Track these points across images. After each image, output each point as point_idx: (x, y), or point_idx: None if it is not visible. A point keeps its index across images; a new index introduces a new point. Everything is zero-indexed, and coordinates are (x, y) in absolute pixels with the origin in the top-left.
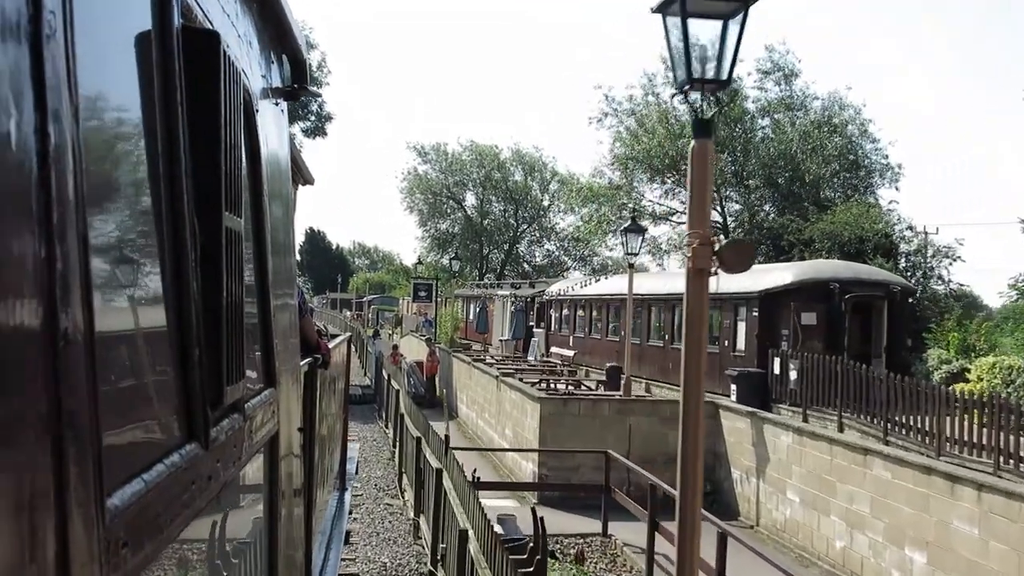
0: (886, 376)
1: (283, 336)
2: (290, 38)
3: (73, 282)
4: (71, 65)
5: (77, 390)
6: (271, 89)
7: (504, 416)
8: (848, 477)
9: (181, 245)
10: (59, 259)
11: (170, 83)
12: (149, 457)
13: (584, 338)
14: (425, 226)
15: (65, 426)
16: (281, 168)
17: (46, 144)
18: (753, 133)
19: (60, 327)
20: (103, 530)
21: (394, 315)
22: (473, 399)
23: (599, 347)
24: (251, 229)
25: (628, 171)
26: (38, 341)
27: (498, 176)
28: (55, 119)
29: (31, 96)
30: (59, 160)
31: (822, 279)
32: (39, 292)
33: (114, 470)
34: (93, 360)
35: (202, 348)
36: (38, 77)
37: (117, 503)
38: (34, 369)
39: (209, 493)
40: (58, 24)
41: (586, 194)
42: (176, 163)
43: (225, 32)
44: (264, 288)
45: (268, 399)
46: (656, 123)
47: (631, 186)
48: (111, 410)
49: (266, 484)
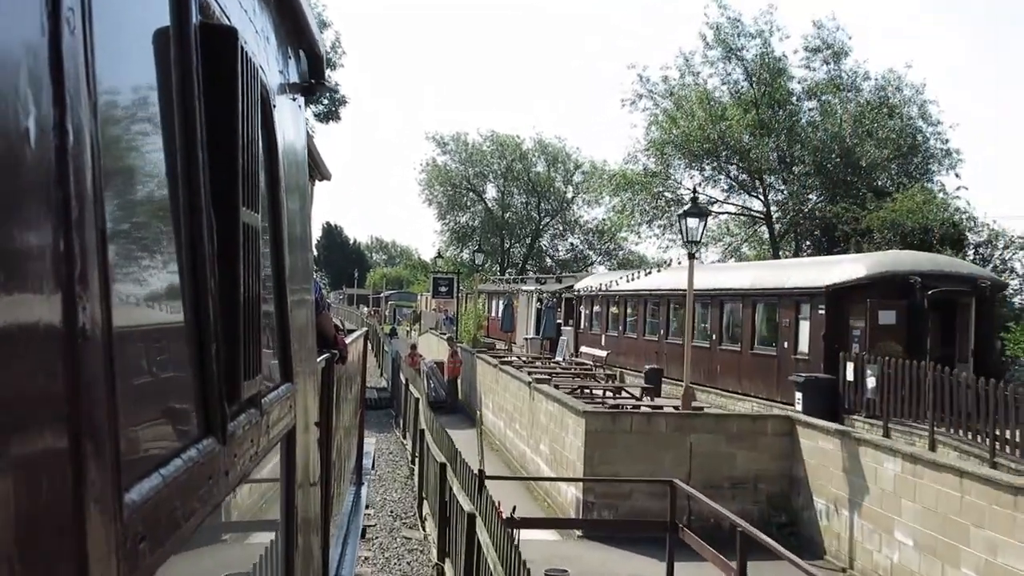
0: (994, 385)
1: (300, 331)
2: (307, 34)
3: (91, 277)
4: (89, 62)
5: (95, 385)
6: (288, 84)
7: (538, 429)
8: (990, 521)
9: (198, 240)
10: (77, 254)
11: (188, 79)
12: (166, 451)
13: (618, 337)
14: (444, 219)
15: (83, 421)
16: (298, 163)
17: (64, 140)
18: (799, 116)
19: (78, 322)
20: (121, 525)
21: (412, 311)
22: (500, 406)
23: (635, 347)
24: (268, 224)
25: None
26: (56, 336)
27: (520, 167)
28: (73, 115)
29: (50, 92)
30: (77, 156)
31: (901, 272)
32: (57, 287)
33: (132, 464)
34: (111, 355)
35: (219, 343)
36: (57, 73)
37: (135, 498)
38: (52, 364)
39: (226, 487)
40: (77, 21)
41: (619, 182)
42: (194, 159)
43: (243, 28)
44: (281, 283)
45: (285, 394)
46: (695, 105)
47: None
48: (129, 405)
49: (283, 478)
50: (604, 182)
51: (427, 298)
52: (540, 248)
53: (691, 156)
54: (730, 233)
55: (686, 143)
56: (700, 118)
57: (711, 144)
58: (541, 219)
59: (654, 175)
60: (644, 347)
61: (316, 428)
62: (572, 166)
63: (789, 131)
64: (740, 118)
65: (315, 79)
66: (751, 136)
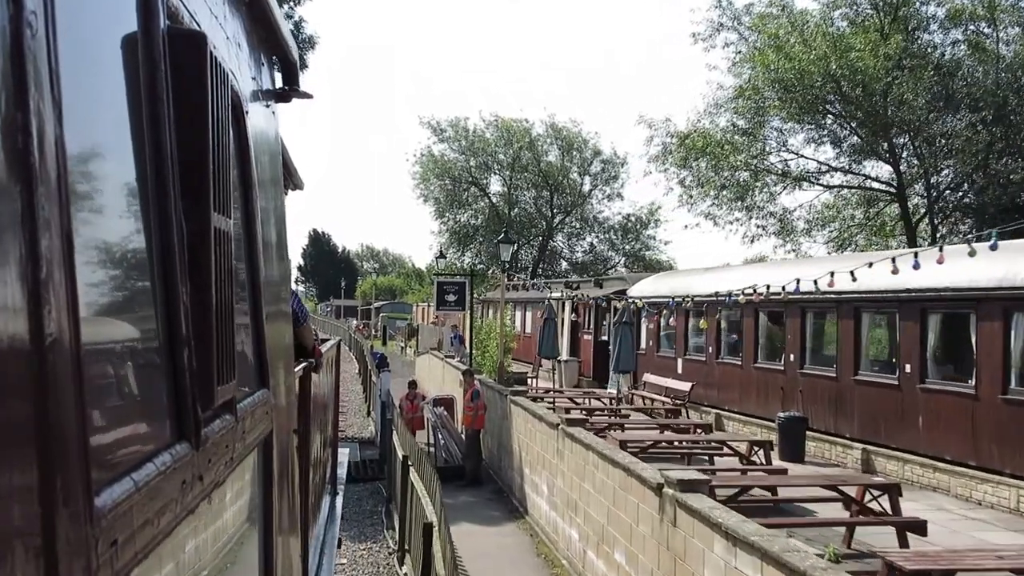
0: None
1: (276, 336)
2: (280, 40)
3: (59, 282)
4: (54, 66)
5: (63, 390)
6: (261, 91)
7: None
8: None
9: (169, 245)
10: (44, 260)
11: (156, 85)
12: (138, 457)
13: (706, 363)
14: (443, 218)
15: (52, 426)
16: (272, 169)
17: (29, 145)
18: (939, 49)
19: (46, 327)
20: (91, 529)
21: (407, 324)
22: (563, 491)
23: (739, 378)
24: (242, 230)
25: (759, 110)
26: (24, 341)
27: (529, 156)
28: (38, 121)
29: (13, 98)
30: (43, 163)
31: None
32: (24, 292)
33: (102, 469)
34: (80, 360)
35: (191, 348)
36: (20, 78)
37: (105, 502)
38: (20, 369)
39: (200, 493)
40: (40, 25)
41: (700, 144)
42: (163, 165)
43: (213, 34)
44: (256, 289)
45: (261, 400)
46: (798, 42)
47: (757, 131)
48: (99, 410)
49: (260, 485)
50: (675, 149)
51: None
52: (552, 249)
53: (797, 106)
54: (848, 207)
55: (798, 83)
56: (818, 49)
57: (816, 93)
58: (554, 216)
59: (745, 133)
60: (758, 379)
61: (295, 435)
62: (590, 154)
63: (936, 69)
64: (874, 47)
65: (289, 85)
66: (886, 74)
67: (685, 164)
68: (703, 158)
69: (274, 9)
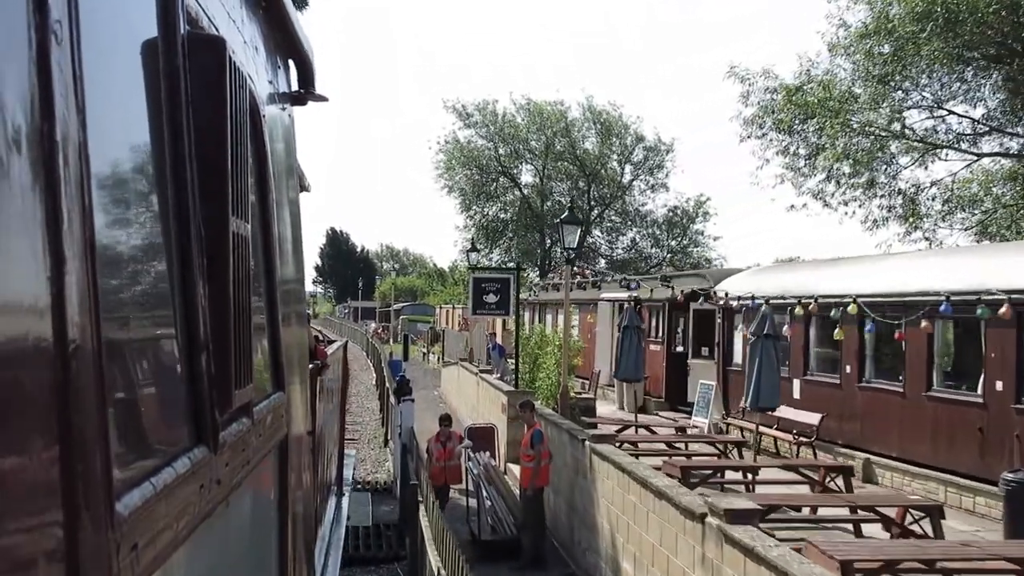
0: None
1: (292, 340)
2: (297, 43)
3: (82, 287)
4: (78, 72)
5: (85, 395)
6: (278, 94)
7: None
8: None
9: (188, 250)
10: (67, 264)
11: (176, 89)
12: (158, 461)
13: (841, 387)
14: (469, 211)
15: (74, 431)
16: (289, 172)
17: (54, 151)
18: None
19: (68, 332)
20: (112, 533)
21: (430, 328)
22: None
23: (900, 410)
24: (259, 234)
25: (901, 50)
26: (47, 346)
27: (564, 143)
28: (62, 126)
29: (38, 103)
30: (66, 168)
31: None
32: (47, 297)
33: (123, 475)
34: (101, 365)
35: (210, 352)
36: (45, 84)
37: (126, 507)
38: (43, 374)
39: (218, 496)
40: (64, 32)
41: (819, 96)
42: (182, 169)
43: (231, 38)
44: (272, 292)
45: (277, 403)
46: None
47: (895, 79)
48: (119, 415)
49: (276, 487)
50: (779, 104)
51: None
52: (590, 246)
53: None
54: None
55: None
56: None
57: (976, 30)
58: (592, 209)
59: (882, 81)
60: (935, 413)
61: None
62: (631, 140)
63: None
64: None
65: (305, 88)
66: None
67: (791, 129)
68: (821, 115)
69: (291, 13)
